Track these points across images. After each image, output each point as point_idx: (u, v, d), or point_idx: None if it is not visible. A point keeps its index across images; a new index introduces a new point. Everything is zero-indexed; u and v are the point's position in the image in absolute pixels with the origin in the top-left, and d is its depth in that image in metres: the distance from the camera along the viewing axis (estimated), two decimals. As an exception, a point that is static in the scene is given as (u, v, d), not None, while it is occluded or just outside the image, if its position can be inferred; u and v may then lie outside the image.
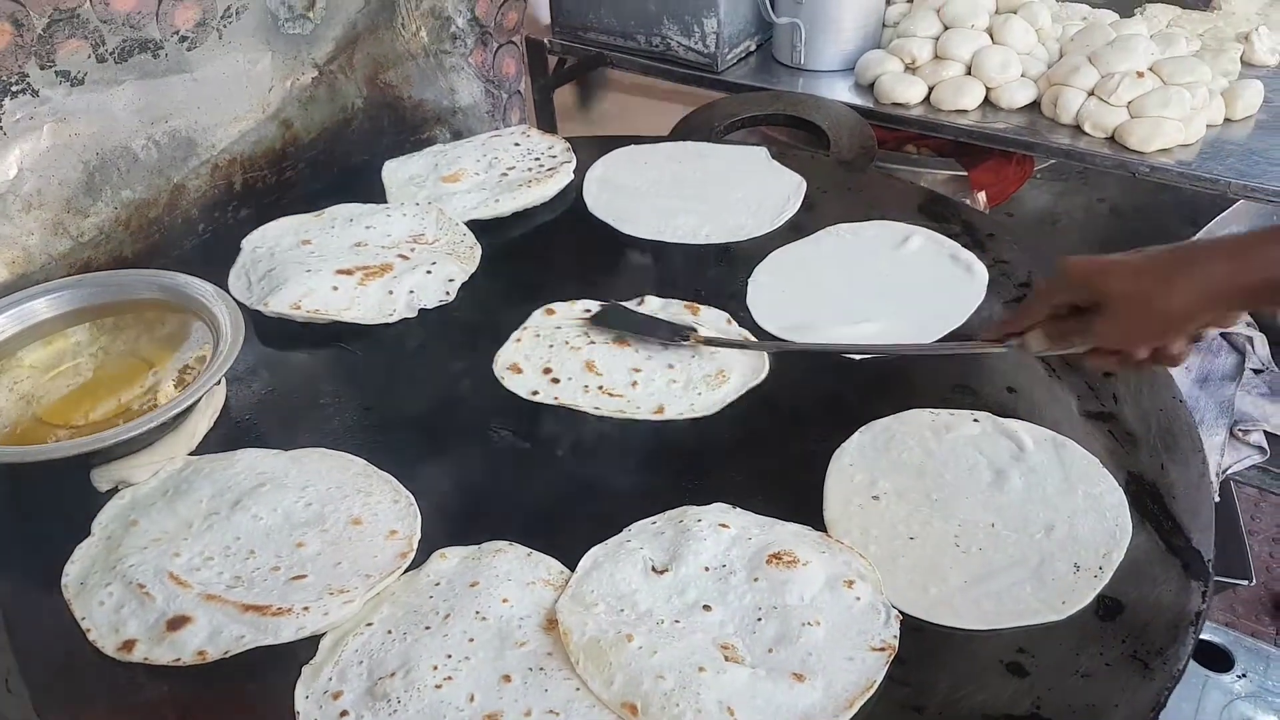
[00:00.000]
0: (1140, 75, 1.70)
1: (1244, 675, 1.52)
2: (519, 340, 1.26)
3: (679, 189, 1.55)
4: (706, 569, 0.93)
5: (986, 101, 1.86)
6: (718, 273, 1.38)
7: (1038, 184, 2.50)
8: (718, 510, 1.00)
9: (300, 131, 1.58)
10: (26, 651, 0.91)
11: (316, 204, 1.50)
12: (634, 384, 1.18)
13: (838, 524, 0.99)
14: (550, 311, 1.30)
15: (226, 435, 1.13)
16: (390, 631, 0.89)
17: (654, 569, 0.94)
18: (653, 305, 1.29)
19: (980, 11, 1.91)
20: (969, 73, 1.87)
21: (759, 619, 0.89)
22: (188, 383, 1.12)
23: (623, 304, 1.29)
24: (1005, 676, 0.85)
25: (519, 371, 1.20)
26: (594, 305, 1.30)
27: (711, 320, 1.27)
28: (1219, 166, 1.64)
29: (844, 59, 2.01)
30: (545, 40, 2.20)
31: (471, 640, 0.88)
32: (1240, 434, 1.85)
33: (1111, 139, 1.71)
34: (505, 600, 0.91)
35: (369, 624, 0.90)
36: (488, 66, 1.88)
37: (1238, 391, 1.90)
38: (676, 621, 0.89)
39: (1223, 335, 1.94)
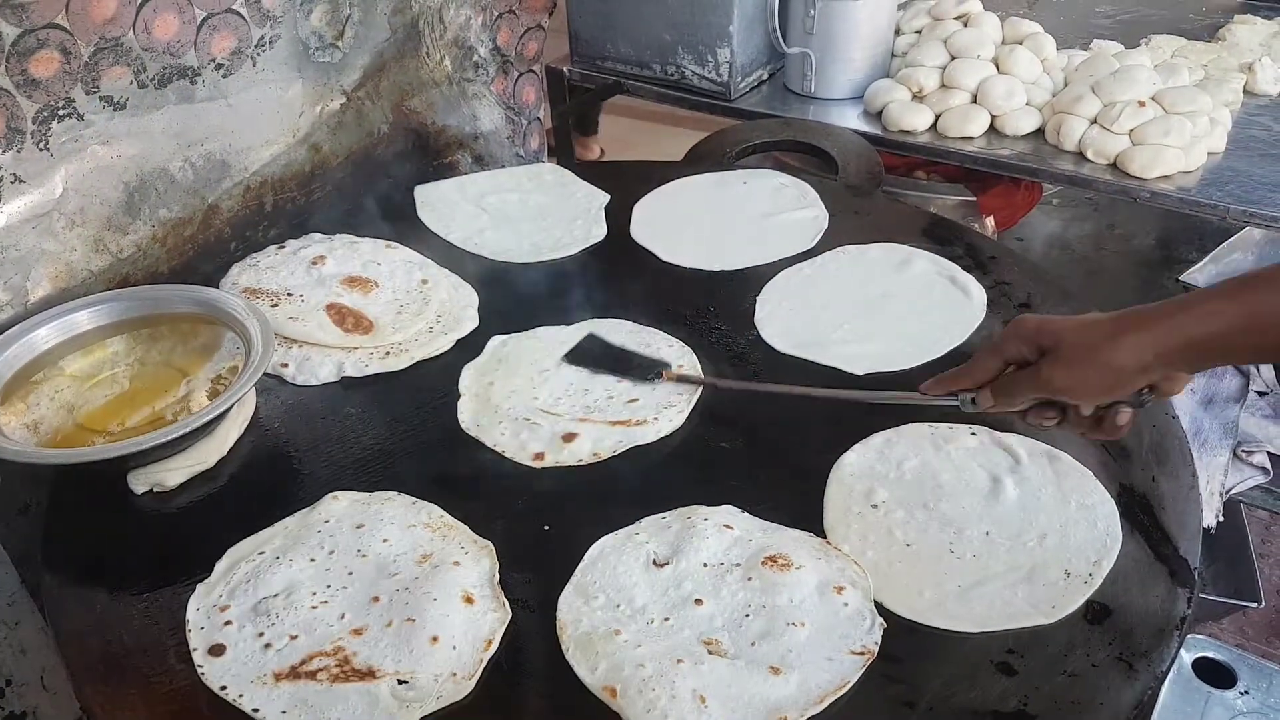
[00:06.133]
0: (1142, 104, 1.74)
1: (1246, 692, 1.54)
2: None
3: (708, 219, 1.60)
4: (705, 565, 0.98)
5: (992, 129, 1.90)
6: (728, 291, 1.42)
7: (1048, 210, 2.54)
8: (725, 512, 1.04)
9: (328, 155, 1.65)
10: (66, 642, 0.96)
11: (345, 224, 1.57)
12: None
13: (836, 530, 1.03)
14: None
15: (256, 443, 1.18)
16: (279, 559, 0.99)
17: (655, 562, 0.99)
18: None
19: (986, 42, 1.96)
20: (975, 101, 1.92)
21: (747, 615, 0.93)
22: (220, 392, 1.17)
23: (599, 336, 1.31)
24: (995, 675, 0.89)
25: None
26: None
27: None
28: (1218, 193, 1.67)
29: (853, 87, 2.06)
30: (564, 69, 2.26)
31: (351, 573, 0.98)
32: (1244, 455, 1.88)
33: (1113, 165, 1.75)
34: (385, 540, 1.01)
35: (261, 553, 1.01)
36: (509, 94, 1.95)
37: (1242, 413, 1.93)
38: (667, 619, 0.93)
39: (1227, 358, 1.96)
